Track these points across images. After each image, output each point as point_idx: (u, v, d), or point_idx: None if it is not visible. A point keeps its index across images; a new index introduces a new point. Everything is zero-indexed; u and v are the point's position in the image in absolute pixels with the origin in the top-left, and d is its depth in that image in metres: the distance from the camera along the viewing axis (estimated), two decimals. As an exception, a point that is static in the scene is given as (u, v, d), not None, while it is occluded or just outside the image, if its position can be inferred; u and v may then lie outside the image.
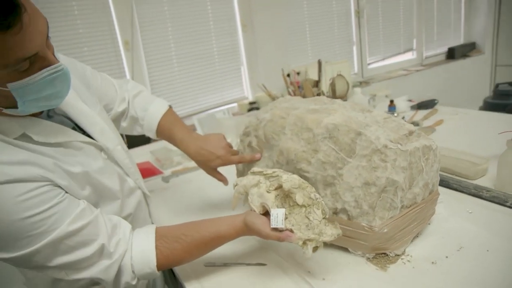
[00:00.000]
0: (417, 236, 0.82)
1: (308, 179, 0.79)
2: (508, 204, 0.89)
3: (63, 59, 0.79)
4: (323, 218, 0.67)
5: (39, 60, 0.57)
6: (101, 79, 0.95)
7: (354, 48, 2.84)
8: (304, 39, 2.56)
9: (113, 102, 0.96)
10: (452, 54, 3.42)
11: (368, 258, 0.77)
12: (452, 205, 0.93)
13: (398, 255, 0.77)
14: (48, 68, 0.58)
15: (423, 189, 0.78)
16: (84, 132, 0.75)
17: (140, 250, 0.67)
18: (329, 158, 0.77)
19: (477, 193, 0.96)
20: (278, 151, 0.85)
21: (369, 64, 2.95)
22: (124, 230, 0.69)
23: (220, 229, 0.71)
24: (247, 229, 0.71)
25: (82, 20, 1.74)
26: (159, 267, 0.68)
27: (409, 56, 3.25)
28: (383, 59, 3.06)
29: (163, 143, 1.72)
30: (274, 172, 0.73)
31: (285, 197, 0.71)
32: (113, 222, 0.68)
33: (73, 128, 0.74)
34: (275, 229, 0.67)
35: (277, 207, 0.68)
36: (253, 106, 2.22)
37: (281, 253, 0.83)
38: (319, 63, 1.74)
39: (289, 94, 1.98)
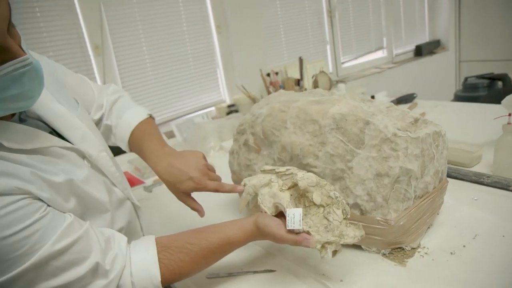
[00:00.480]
0: (428, 227, 0.79)
1: (316, 175, 0.74)
2: (511, 188, 0.88)
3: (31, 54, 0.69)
4: (344, 218, 0.62)
5: (0, 52, 0.47)
6: (77, 80, 0.85)
7: (328, 47, 2.85)
8: (279, 39, 2.53)
9: (89, 108, 0.86)
10: (419, 51, 3.52)
11: (384, 254, 0.73)
12: (455, 194, 0.91)
13: (414, 248, 0.73)
14: (12, 62, 0.48)
15: (434, 177, 0.76)
16: (63, 138, 0.66)
17: (141, 265, 0.59)
18: (338, 150, 0.72)
19: (477, 179, 0.95)
20: (279, 147, 0.79)
21: (343, 63, 2.97)
22: (120, 243, 0.60)
23: (229, 234, 0.64)
24: (258, 233, 0.65)
25: (46, 23, 1.62)
26: (163, 282, 0.60)
27: (380, 54, 3.31)
28: (356, 58, 3.09)
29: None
30: (287, 169, 0.67)
31: (300, 196, 0.65)
32: (106, 235, 0.60)
33: (50, 133, 0.65)
34: (291, 232, 0.61)
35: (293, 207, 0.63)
36: (232, 109, 2.16)
37: (290, 257, 0.77)
38: (301, 60, 1.71)
39: (270, 94, 1.94)
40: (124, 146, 0.87)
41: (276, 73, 2.09)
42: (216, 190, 0.76)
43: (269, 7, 2.44)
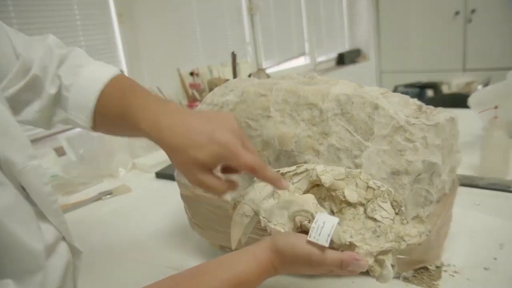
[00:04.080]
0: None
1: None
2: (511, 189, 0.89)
3: None
4: (396, 213, 0.51)
5: None
6: None
7: (250, 49, 2.83)
8: (194, 37, 2.42)
9: (5, 72, 0.59)
10: (342, 59, 3.75)
11: (405, 278, 0.64)
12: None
13: (438, 267, 0.66)
14: None
15: (449, 175, 0.70)
16: None
17: None
18: (344, 143, 0.62)
19: (470, 182, 0.94)
20: (259, 143, 0.66)
21: (265, 69, 2.98)
22: None
23: (237, 271, 0.46)
24: (280, 261, 0.48)
25: None
26: None
27: (302, 61, 3.42)
28: (279, 64, 3.14)
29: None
30: (298, 167, 0.54)
31: (322, 200, 0.53)
32: None
33: None
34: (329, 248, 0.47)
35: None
36: (141, 119, 1.95)
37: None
38: (233, 55, 1.61)
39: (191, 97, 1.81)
40: (84, 118, 0.61)
41: (197, 75, 1.97)
42: (252, 170, 0.51)
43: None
